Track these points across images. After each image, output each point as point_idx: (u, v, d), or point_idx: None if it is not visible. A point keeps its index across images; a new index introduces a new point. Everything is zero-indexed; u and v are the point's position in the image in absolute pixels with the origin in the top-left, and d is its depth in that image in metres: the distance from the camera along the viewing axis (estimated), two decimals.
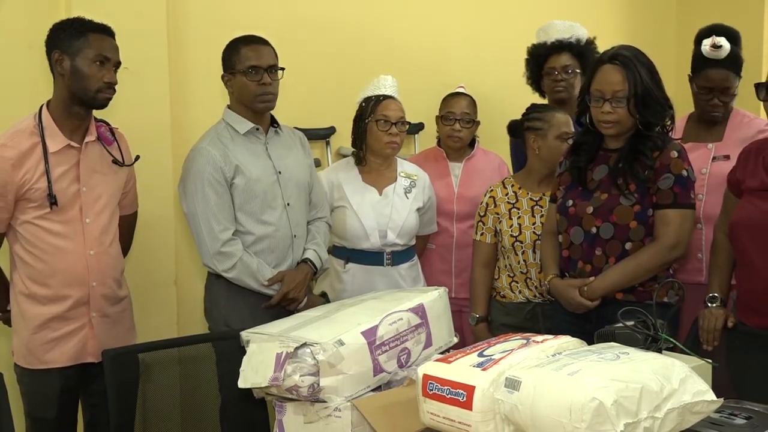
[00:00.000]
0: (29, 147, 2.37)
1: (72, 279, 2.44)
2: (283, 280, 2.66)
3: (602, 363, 1.62)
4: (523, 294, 2.94)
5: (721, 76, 2.81)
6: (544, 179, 2.95)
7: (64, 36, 2.38)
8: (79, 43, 2.37)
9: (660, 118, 2.47)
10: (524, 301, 2.94)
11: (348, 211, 2.93)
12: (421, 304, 2.14)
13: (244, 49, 2.63)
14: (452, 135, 3.15)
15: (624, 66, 2.42)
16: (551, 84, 3.32)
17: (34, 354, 2.44)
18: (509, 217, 2.94)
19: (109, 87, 2.41)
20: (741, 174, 2.47)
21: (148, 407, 2.29)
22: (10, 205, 2.38)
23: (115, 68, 2.43)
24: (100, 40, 2.39)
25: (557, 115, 2.92)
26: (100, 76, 2.38)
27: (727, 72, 2.81)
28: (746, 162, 2.48)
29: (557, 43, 3.33)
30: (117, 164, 2.55)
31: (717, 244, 2.57)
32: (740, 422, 1.74)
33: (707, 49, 2.78)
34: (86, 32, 2.38)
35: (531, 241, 2.89)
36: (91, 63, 2.37)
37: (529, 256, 2.90)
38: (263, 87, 2.62)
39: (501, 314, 2.98)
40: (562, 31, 3.34)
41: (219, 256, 2.59)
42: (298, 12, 3.54)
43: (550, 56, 3.33)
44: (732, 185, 2.53)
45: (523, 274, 2.93)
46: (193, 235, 2.66)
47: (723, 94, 2.85)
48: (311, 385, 1.84)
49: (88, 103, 2.42)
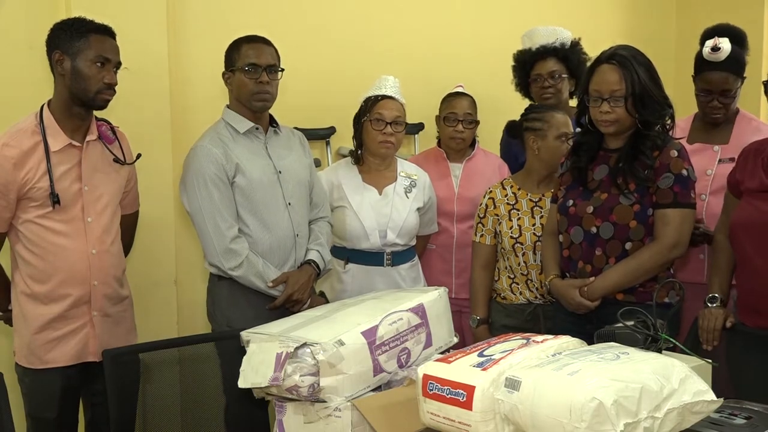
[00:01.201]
0: (31, 146, 2.37)
1: (73, 278, 2.44)
2: (288, 281, 2.65)
3: (602, 363, 1.62)
4: (524, 295, 2.94)
5: (719, 78, 2.80)
6: (543, 180, 2.95)
7: (65, 36, 2.38)
8: (80, 44, 2.37)
9: (659, 117, 2.47)
10: (525, 303, 2.94)
11: (348, 210, 2.93)
12: (421, 304, 2.14)
13: (245, 47, 2.63)
14: (455, 136, 3.14)
15: (621, 65, 2.42)
16: (539, 90, 3.32)
17: (35, 353, 2.44)
18: (509, 218, 2.94)
19: (109, 88, 2.41)
20: (740, 175, 2.48)
21: (148, 407, 2.29)
22: (11, 205, 2.39)
23: (116, 69, 2.44)
24: (101, 41, 2.39)
25: (556, 115, 2.91)
26: (100, 77, 2.38)
27: (726, 74, 2.80)
28: (745, 163, 2.48)
29: (542, 49, 3.33)
30: (118, 163, 2.55)
31: (717, 245, 2.57)
32: (740, 422, 1.74)
33: (707, 51, 2.77)
34: (87, 33, 2.38)
35: (531, 242, 2.89)
36: (92, 64, 2.37)
37: (530, 258, 2.90)
38: (260, 85, 2.62)
39: (502, 316, 2.98)
40: (546, 36, 3.34)
41: (227, 254, 2.58)
42: (299, 12, 3.54)
43: (536, 62, 3.33)
44: (732, 186, 2.54)
45: (524, 276, 2.93)
46: (198, 233, 2.65)
47: (722, 96, 2.84)
48: (311, 385, 1.84)
49: (88, 103, 2.42)
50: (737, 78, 2.83)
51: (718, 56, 2.77)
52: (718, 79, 2.80)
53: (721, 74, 2.80)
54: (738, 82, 2.84)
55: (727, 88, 2.82)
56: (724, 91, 2.83)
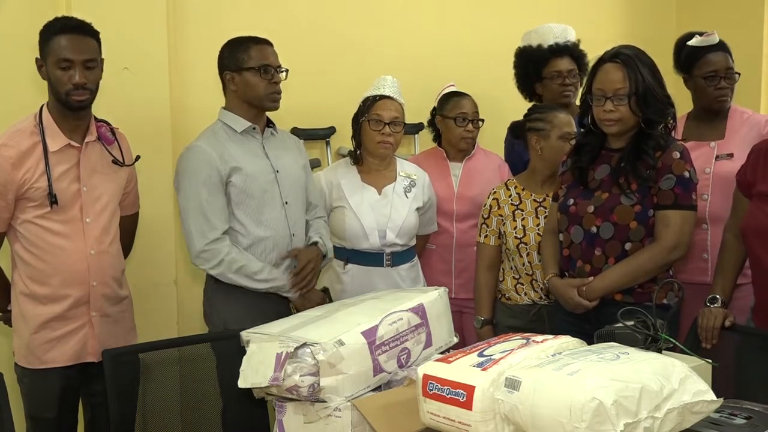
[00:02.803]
0: (29, 146, 2.38)
1: (72, 278, 2.44)
2: (299, 255, 2.69)
3: (602, 363, 1.62)
4: (529, 296, 2.93)
5: (722, 58, 2.88)
6: (547, 180, 2.95)
7: (41, 41, 2.38)
8: (47, 48, 2.36)
9: (662, 116, 2.47)
10: (530, 303, 2.93)
11: (347, 211, 2.92)
12: (421, 304, 2.14)
13: (254, 48, 2.64)
14: (466, 136, 3.14)
15: (625, 64, 2.42)
16: (558, 88, 3.31)
17: (34, 354, 2.44)
18: (513, 218, 2.93)
19: (79, 87, 2.36)
20: (751, 175, 2.46)
21: (148, 407, 2.29)
22: (10, 205, 2.39)
23: (87, 66, 2.37)
24: (62, 42, 2.35)
25: (559, 115, 2.91)
26: (66, 79, 2.35)
27: (725, 54, 2.88)
28: (756, 163, 2.45)
29: (556, 47, 3.32)
30: (117, 164, 2.55)
31: (725, 245, 2.56)
32: (740, 422, 1.74)
33: (701, 39, 2.85)
34: (51, 36, 2.36)
35: (535, 242, 2.88)
36: (56, 68, 2.35)
37: (534, 258, 2.89)
38: (274, 86, 2.65)
39: (506, 316, 2.97)
40: (559, 34, 3.34)
41: (203, 254, 2.58)
42: (298, 12, 3.54)
43: (551, 60, 3.32)
44: (742, 186, 2.51)
45: (529, 276, 2.93)
46: (183, 233, 2.66)
47: (727, 78, 2.89)
48: (311, 385, 1.84)
49: (67, 106, 2.40)
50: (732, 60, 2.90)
51: (713, 38, 2.85)
52: (721, 58, 2.88)
53: (720, 54, 2.88)
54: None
55: (731, 67, 2.88)
56: (728, 71, 2.88)
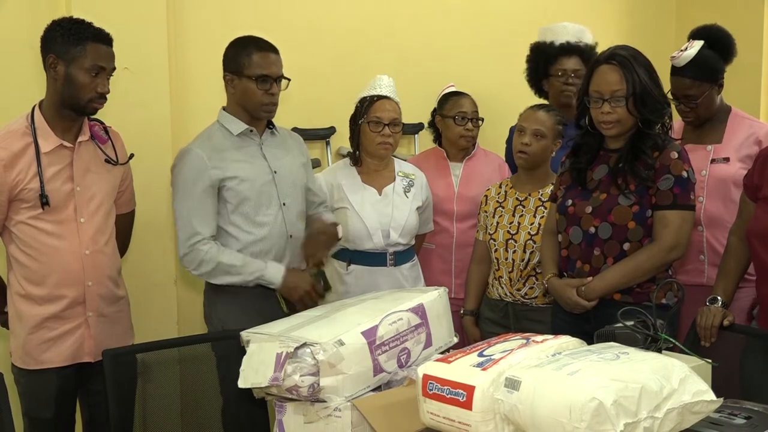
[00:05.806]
0: (21, 147, 2.37)
1: (67, 279, 2.44)
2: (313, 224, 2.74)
3: (602, 363, 1.63)
4: (498, 291, 2.97)
5: (679, 84, 2.77)
6: (531, 178, 2.97)
7: (62, 40, 2.36)
8: (76, 51, 2.35)
9: (659, 116, 2.47)
10: (498, 299, 2.97)
11: (349, 211, 2.92)
12: (421, 304, 2.14)
13: (257, 56, 2.59)
14: (465, 134, 3.16)
15: (621, 65, 2.42)
16: (560, 86, 3.31)
17: (30, 354, 2.44)
18: (493, 215, 2.99)
19: (101, 97, 2.39)
20: (758, 180, 2.44)
21: (147, 407, 2.29)
22: (3, 206, 2.38)
23: (109, 75, 2.42)
24: (98, 50, 2.37)
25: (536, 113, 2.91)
26: (93, 86, 2.36)
27: (684, 80, 2.75)
28: (764, 167, 2.44)
29: (567, 46, 3.31)
30: (110, 163, 2.54)
31: (729, 248, 2.56)
32: (740, 422, 1.74)
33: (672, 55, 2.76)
34: (84, 41, 2.35)
35: (503, 239, 2.92)
36: (86, 73, 2.35)
37: (501, 255, 2.92)
38: (270, 97, 2.61)
39: (486, 308, 3.05)
40: (573, 34, 3.33)
41: (185, 258, 2.58)
42: (298, 12, 3.54)
43: (560, 58, 3.32)
44: (749, 189, 2.50)
45: (497, 272, 2.96)
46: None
47: (687, 100, 2.79)
48: (311, 385, 1.84)
49: (78, 110, 2.41)
50: (702, 83, 2.75)
51: (678, 62, 2.74)
52: (678, 84, 2.78)
53: (680, 79, 2.77)
54: (705, 87, 2.76)
55: (690, 94, 2.77)
56: (686, 96, 2.78)
